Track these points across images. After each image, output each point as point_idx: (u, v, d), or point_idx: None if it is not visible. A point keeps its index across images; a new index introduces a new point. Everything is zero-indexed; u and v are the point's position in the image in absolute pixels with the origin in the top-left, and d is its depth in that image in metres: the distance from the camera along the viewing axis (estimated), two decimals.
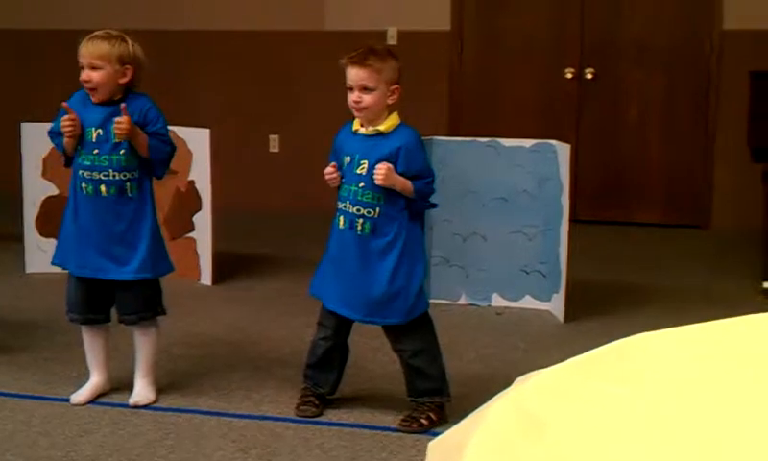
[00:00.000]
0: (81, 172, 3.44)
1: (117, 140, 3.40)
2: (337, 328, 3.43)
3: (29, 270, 5.39)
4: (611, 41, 7.09)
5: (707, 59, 6.91)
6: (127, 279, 3.48)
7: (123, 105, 3.39)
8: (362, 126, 3.36)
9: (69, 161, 3.52)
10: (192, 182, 5.25)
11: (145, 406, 3.52)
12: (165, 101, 7.20)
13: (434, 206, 3.46)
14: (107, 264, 3.46)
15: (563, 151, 4.61)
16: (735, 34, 6.76)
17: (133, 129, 3.39)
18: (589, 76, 7.10)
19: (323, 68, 7.15)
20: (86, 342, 3.60)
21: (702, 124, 6.97)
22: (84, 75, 3.42)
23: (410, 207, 3.32)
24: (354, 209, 3.30)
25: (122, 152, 3.41)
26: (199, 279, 5.28)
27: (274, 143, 7.60)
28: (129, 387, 3.64)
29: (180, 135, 5.24)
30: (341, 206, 3.35)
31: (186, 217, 5.28)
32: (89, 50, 3.41)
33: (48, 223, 5.28)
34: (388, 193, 3.27)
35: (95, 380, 3.60)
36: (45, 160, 5.25)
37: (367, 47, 3.34)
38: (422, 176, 3.31)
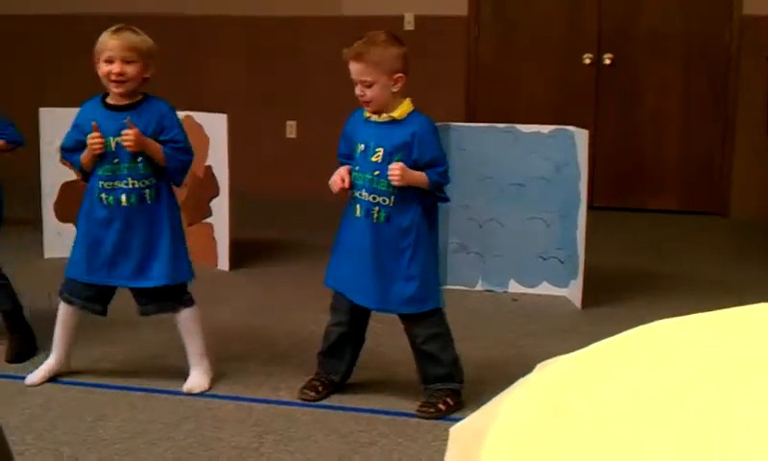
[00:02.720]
0: (101, 183, 3.42)
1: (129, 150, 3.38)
2: (351, 315, 3.43)
3: (47, 255, 5.42)
4: (629, 27, 7.05)
5: (726, 45, 6.86)
6: (146, 286, 3.48)
7: (127, 119, 3.35)
8: (374, 113, 3.35)
9: (87, 176, 3.50)
10: (209, 168, 5.26)
11: (200, 394, 3.52)
12: (183, 86, 7.25)
13: (447, 199, 3.42)
14: (125, 273, 3.46)
15: (580, 137, 4.60)
16: (755, 19, 6.71)
17: (143, 140, 3.36)
18: (608, 62, 7.07)
19: (340, 54, 7.15)
20: (63, 319, 3.58)
21: (720, 111, 6.92)
22: (117, 67, 3.34)
23: (424, 198, 3.31)
24: (370, 198, 3.29)
25: (140, 159, 3.40)
26: (216, 265, 5.30)
27: (291, 129, 7.61)
28: (145, 370, 3.67)
29: (198, 121, 5.25)
30: (357, 194, 3.34)
31: (204, 202, 5.29)
32: (121, 42, 3.35)
33: (66, 208, 5.30)
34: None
35: (53, 361, 3.60)
36: None
37: (364, 39, 3.31)
38: (436, 164, 3.28)
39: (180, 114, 5.20)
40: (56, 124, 5.30)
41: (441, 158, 3.30)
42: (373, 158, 3.29)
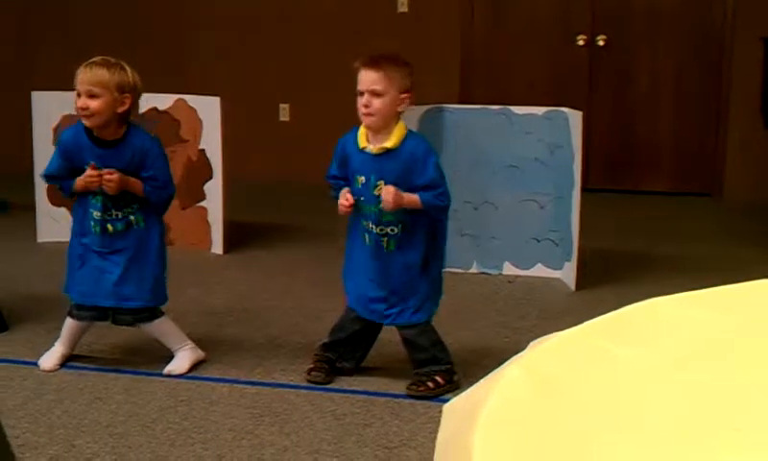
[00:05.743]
0: (91, 211, 3.46)
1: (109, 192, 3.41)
2: (367, 320, 3.46)
3: (40, 239, 5.40)
4: (623, 8, 7.04)
5: (719, 25, 6.85)
6: (131, 307, 3.51)
7: (91, 164, 3.37)
8: (368, 142, 3.32)
9: (73, 194, 3.52)
10: (203, 151, 5.25)
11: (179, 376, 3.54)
12: (176, 69, 7.22)
13: (444, 215, 3.42)
14: (112, 294, 3.48)
15: (574, 118, 4.59)
16: (748, 0, 6.70)
17: (123, 182, 3.39)
18: (601, 43, 7.06)
19: (334, 37, 7.14)
20: (70, 324, 3.61)
21: (714, 91, 6.92)
22: (81, 102, 3.35)
23: (432, 220, 3.34)
24: (378, 229, 3.32)
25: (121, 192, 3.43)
26: (210, 248, 5.29)
27: (284, 112, 7.59)
28: (139, 354, 3.67)
29: (191, 104, 5.24)
30: (364, 224, 3.35)
31: (197, 186, 5.28)
32: (87, 77, 3.35)
33: (59, 192, 5.28)
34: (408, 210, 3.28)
35: (64, 350, 3.62)
36: (56, 130, 5.24)
37: (380, 52, 3.35)
38: (433, 186, 3.28)
39: (173, 97, 5.24)
40: (49, 107, 5.29)
41: (437, 179, 3.30)
42: (376, 191, 3.29)
